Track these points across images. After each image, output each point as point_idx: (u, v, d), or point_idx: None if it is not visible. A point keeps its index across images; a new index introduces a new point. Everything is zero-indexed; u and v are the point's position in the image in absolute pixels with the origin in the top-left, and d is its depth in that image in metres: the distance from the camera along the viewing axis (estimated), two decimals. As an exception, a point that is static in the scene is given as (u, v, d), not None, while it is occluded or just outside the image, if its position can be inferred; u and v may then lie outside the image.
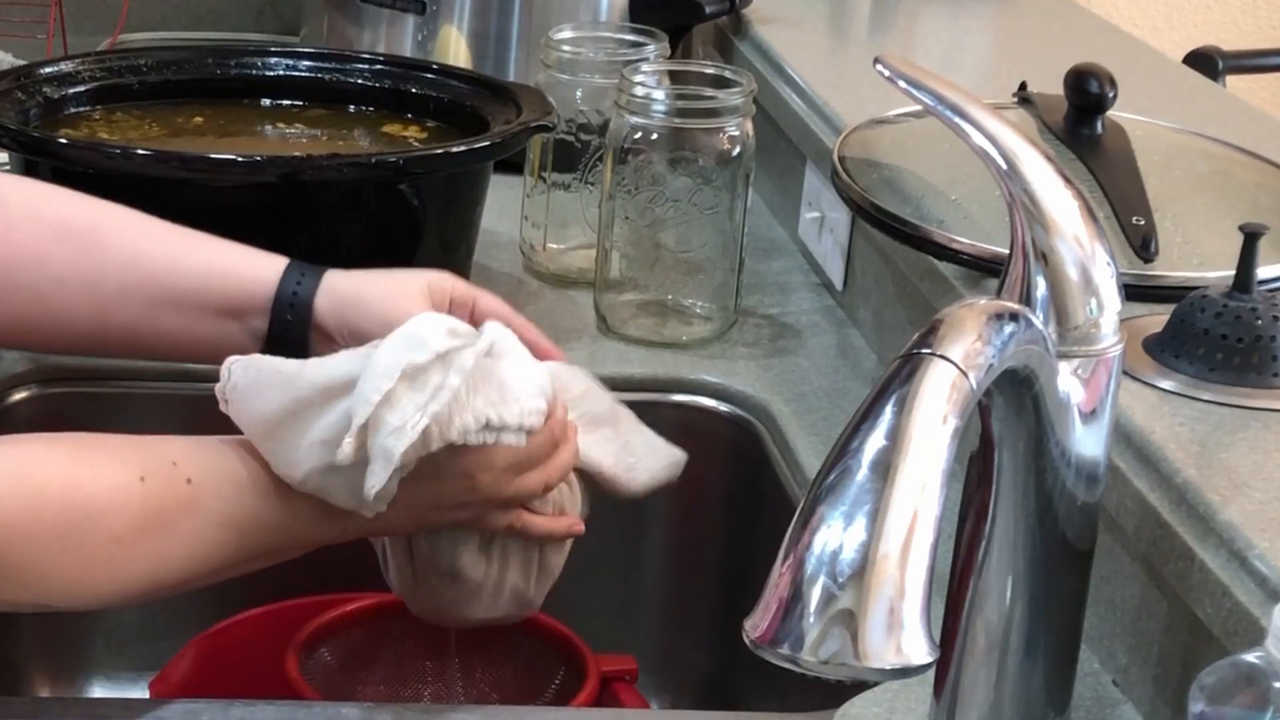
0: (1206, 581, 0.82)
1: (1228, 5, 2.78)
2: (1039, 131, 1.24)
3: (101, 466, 0.88)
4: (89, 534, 0.86)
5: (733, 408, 1.29)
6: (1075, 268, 0.78)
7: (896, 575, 0.64)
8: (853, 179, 1.22)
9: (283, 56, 1.46)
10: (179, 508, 0.89)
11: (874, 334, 1.35)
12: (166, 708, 0.96)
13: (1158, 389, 0.96)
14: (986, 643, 0.83)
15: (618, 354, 1.32)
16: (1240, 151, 1.28)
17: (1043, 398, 0.78)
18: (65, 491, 0.86)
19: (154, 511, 0.88)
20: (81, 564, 0.87)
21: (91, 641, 1.31)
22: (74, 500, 0.86)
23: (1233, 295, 0.97)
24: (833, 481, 0.66)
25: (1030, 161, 0.78)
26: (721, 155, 1.31)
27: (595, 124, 1.40)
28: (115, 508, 0.87)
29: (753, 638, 0.66)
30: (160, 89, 1.42)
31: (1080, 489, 0.81)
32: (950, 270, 1.14)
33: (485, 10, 1.69)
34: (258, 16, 2.07)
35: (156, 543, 0.89)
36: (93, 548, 0.87)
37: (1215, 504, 0.84)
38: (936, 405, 0.68)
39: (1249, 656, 0.68)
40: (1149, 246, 1.10)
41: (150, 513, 0.88)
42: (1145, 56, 1.68)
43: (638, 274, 1.35)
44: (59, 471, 0.87)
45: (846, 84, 1.50)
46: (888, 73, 0.81)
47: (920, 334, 0.71)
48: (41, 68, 1.38)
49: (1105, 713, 0.92)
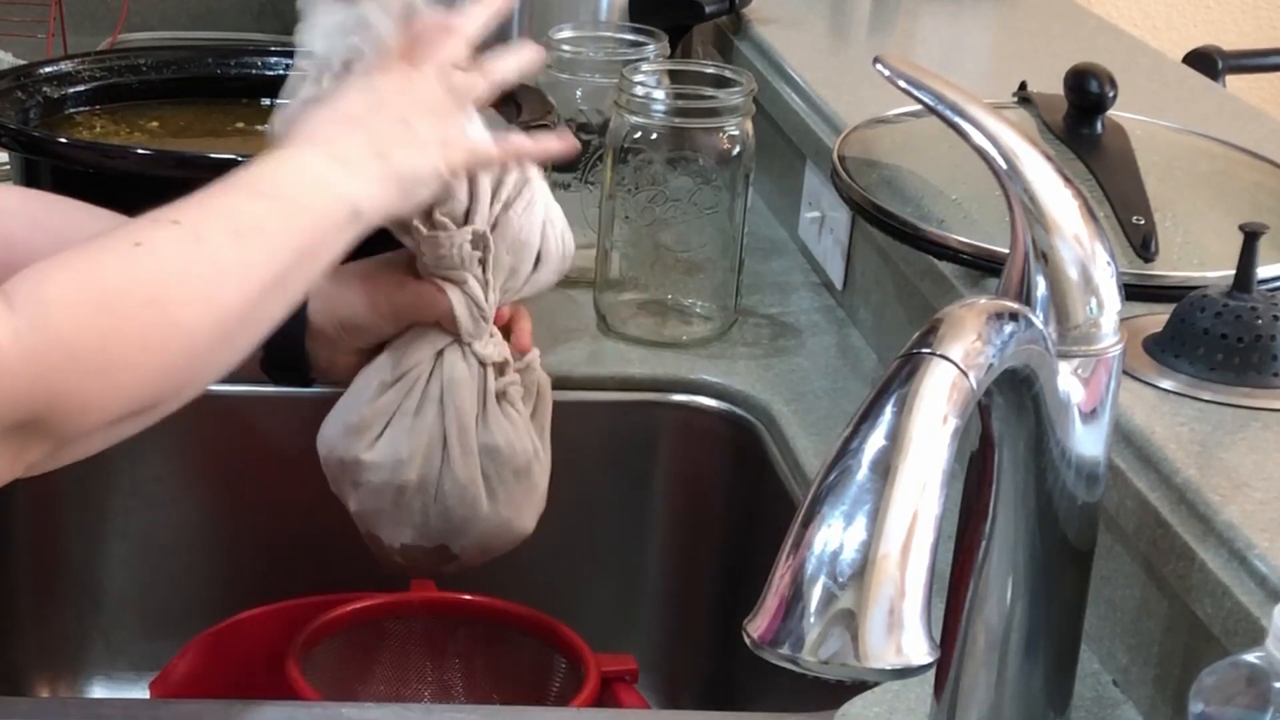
0: (1206, 581, 0.82)
1: (1228, 5, 2.78)
2: (1039, 131, 1.24)
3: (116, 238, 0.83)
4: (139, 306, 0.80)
5: (733, 408, 1.29)
6: (1075, 267, 0.78)
7: (897, 575, 0.64)
8: (853, 179, 1.22)
9: (283, 56, 1.46)
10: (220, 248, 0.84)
11: (874, 334, 1.35)
12: (166, 708, 0.96)
13: (1158, 389, 0.96)
14: (986, 643, 0.83)
15: (618, 354, 1.32)
16: (1240, 151, 1.28)
17: (1043, 397, 0.78)
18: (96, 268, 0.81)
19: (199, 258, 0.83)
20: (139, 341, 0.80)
21: (91, 641, 1.31)
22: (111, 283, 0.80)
23: (1233, 295, 0.97)
24: (833, 481, 0.66)
25: (1030, 161, 0.78)
26: (721, 155, 1.31)
27: (595, 124, 1.40)
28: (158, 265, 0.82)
29: (753, 638, 0.66)
30: (160, 89, 1.41)
31: (1080, 489, 0.81)
32: (950, 270, 1.14)
33: (485, 10, 1.69)
34: (258, 16, 2.07)
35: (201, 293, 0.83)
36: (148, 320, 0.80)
37: (1215, 504, 0.84)
38: (936, 405, 0.68)
39: (1249, 656, 0.68)
40: (1149, 246, 1.10)
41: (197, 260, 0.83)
42: (1145, 56, 1.68)
43: (638, 274, 1.35)
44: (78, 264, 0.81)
45: (846, 84, 1.50)
46: (888, 73, 0.81)
47: (920, 334, 0.71)
48: (41, 68, 1.38)
49: (1105, 713, 0.92)
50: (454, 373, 1.03)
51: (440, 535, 1.05)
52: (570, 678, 1.17)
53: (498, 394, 1.05)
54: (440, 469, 1.04)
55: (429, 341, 1.04)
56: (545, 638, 1.19)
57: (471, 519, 1.05)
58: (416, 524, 1.05)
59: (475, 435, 1.04)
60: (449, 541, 1.06)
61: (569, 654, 1.18)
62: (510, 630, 1.20)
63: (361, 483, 1.05)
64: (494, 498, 1.05)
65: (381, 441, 1.03)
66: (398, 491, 1.04)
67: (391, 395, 1.04)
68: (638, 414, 1.29)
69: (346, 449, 1.04)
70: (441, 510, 1.04)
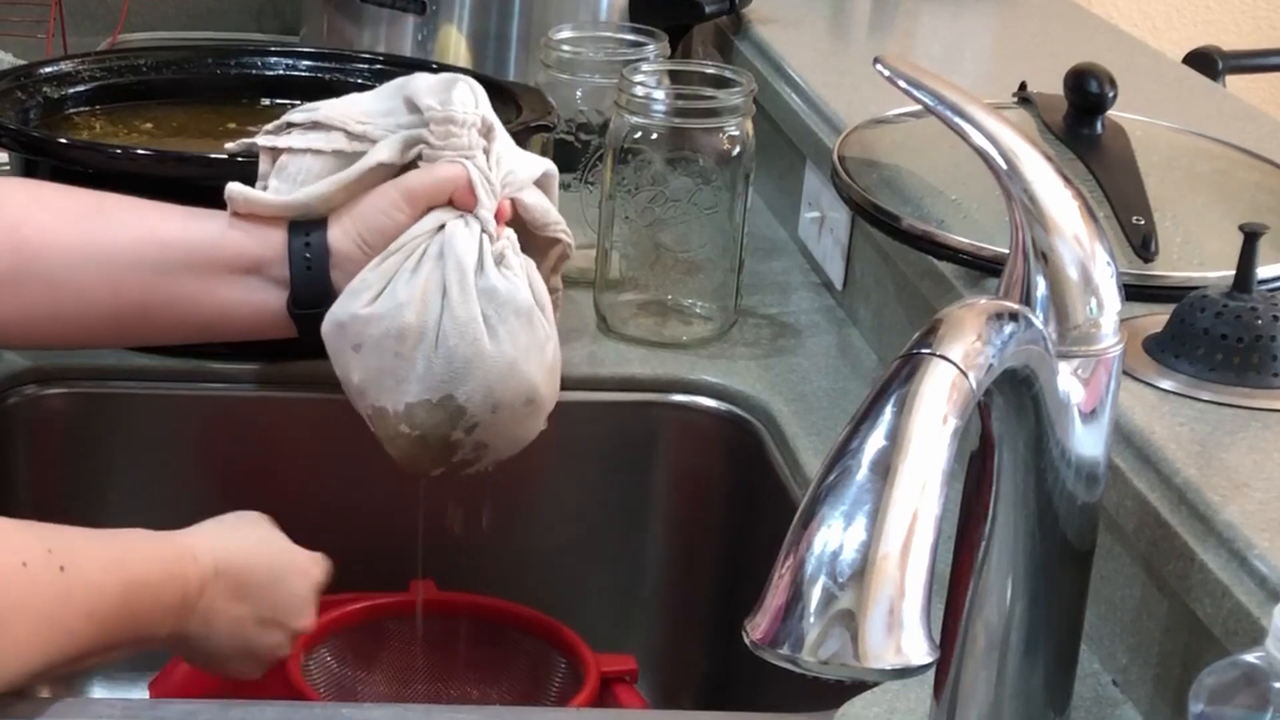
0: (1206, 581, 0.82)
1: (1228, 5, 2.78)
2: (1039, 131, 1.24)
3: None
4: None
5: (733, 408, 1.29)
6: (1075, 267, 0.78)
7: (896, 575, 0.64)
8: (853, 179, 1.22)
9: (283, 56, 1.46)
10: (57, 598, 0.88)
11: (874, 334, 1.35)
12: (166, 708, 0.96)
13: (1158, 389, 0.96)
14: (986, 643, 0.83)
15: (618, 354, 1.32)
16: (1240, 151, 1.28)
17: (1043, 398, 0.78)
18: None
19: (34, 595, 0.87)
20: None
21: (91, 641, 1.31)
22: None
23: (1233, 295, 0.97)
24: (833, 481, 0.66)
25: (1030, 161, 0.78)
26: (721, 155, 1.31)
27: (595, 124, 1.40)
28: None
29: (753, 638, 0.66)
30: (160, 89, 1.41)
31: (1080, 489, 0.81)
32: (950, 270, 1.14)
33: (485, 10, 1.69)
34: (258, 16, 2.07)
35: (25, 632, 0.86)
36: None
37: (1215, 504, 0.84)
38: (936, 405, 0.68)
39: (1249, 656, 0.68)
40: (1149, 246, 1.10)
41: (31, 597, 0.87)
42: (1145, 56, 1.68)
43: (638, 274, 1.35)
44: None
45: (846, 84, 1.50)
46: (888, 73, 0.81)
47: (920, 334, 0.71)
48: (41, 68, 1.38)
49: (1105, 713, 0.92)
50: (454, 230, 1.07)
51: (444, 383, 1.06)
52: (570, 678, 1.17)
53: (495, 256, 1.08)
54: (440, 312, 1.05)
55: (433, 218, 1.08)
56: (545, 638, 1.19)
57: (474, 358, 1.06)
58: (419, 374, 1.06)
59: (474, 281, 1.06)
60: (454, 389, 1.06)
61: (569, 654, 1.18)
62: (510, 630, 1.20)
63: (363, 340, 1.06)
64: (495, 336, 1.06)
65: (381, 297, 1.06)
66: (398, 338, 1.05)
67: (393, 260, 1.07)
68: (638, 414, 1.29)
69: (346, 309, 1.07)
70: (445, 352, 1.05)
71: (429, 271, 1.06)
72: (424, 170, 1.10)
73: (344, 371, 1.08)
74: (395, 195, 1.09)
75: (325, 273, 1.08)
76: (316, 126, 1.13)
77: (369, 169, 1.10)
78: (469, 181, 1.08)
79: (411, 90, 1.12)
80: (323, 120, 1.12)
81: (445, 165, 1.09)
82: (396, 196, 1.09)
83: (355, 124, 1.12)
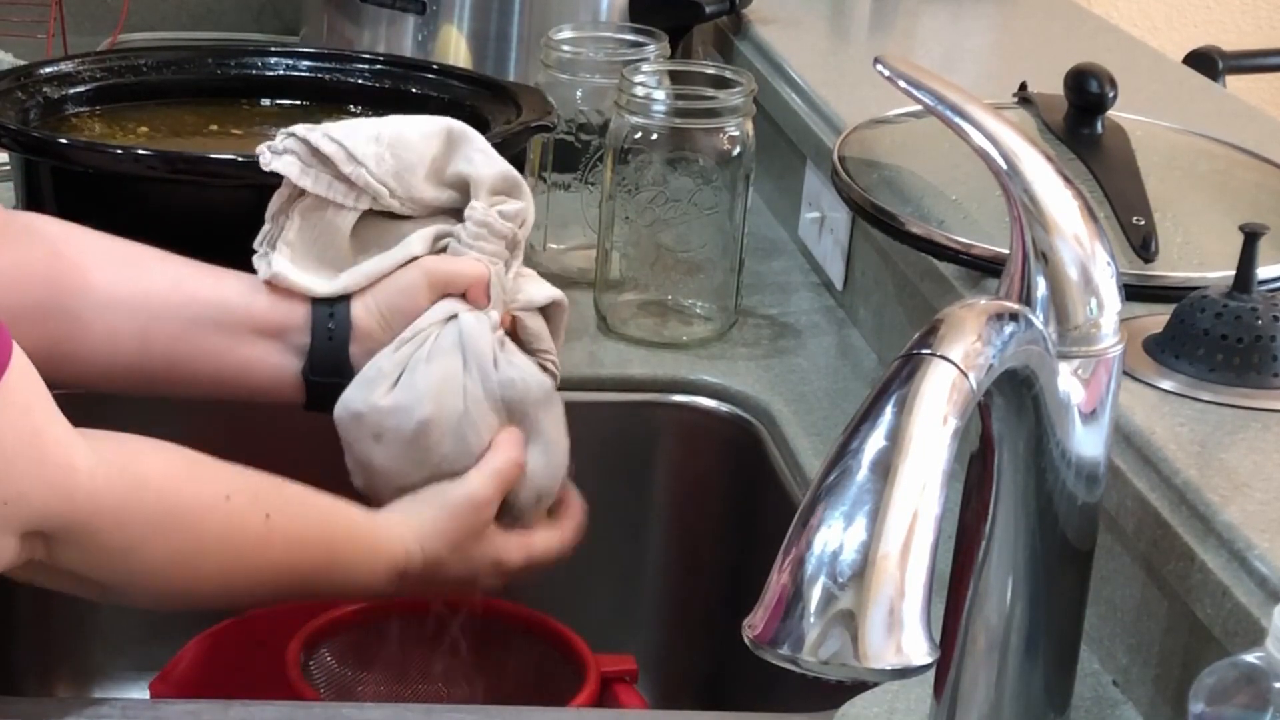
0: (1206, 581, 0.82)
1: (1228, 5, 2.78)
2: (1039, 131, 1.24)
3: (199, 475, 0.95)
4: (175, 531, 0.93)
5: (733, 408, 1.29)
6: (1075, 268, 0.78)
7: (896, 575, 0.64)
8: (853, 179, 1.22)
9: (283, 56, 1.46)
10: (256, 540, 0.97)
11: (874, 334, 1.35)
12: (166, 708, 0.96)
13: (1158, 389, 0.96)
14: (986, 643, 0.83)
15: (618, 354, 1.32)
16: (1240, 151, 1.28)
17: (1043, 398, 0.78)
18: (164, 486, 0.92)
19: (235, 530, 0.96)
20: (165, 557, 0.93)
21: (91, 642, 1.31)
22: (168, 496, 0.92)
23: (1233, 295, 0.97)
24: (833, 481, 0.66)
25: (1030, 161, 0.78)
26: (721, 155, 1.31)
27: (595, 124, 1.40)
28: (201, 514, 0.94)
29: (753, 638, 0.66)
30: (160, 89, 1.41)
31: (1080, 489, 0.81)
32: (950, 270, 1.14)
33: (485, 10, 1.69)
34: (258, 16, 2.07)
35: (226, 561, 0.96)
36: (178, 544, 0.93)
37: (1215, 504, 0.84)
38: (936, 405, 0.68)
39: (1249, 656, 0.68)
40: (1149, 246, 1.10)
41: (232, 531, 0.95)
42: (1145, 56, 1.68)
43: (638, 274, 1.35)
44: (161, 468, 0.93)
45: (846, 84, 1.50)
46: (888, 73, 0.81)
47: (920, 334, 0.71)
48: (41, 68, 1.38)
49: (1105, 713, 0.92)
50: (469, 322, 1.08)
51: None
52: (570, 678, 1.17)
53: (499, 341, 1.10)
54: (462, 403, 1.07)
55: (443, 307, 1.09)
56: (545, 638, 1.19)
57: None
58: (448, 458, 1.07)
59: (493, 373, 1.07)
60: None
61: (569, 654, 1.18)
62: (510, 630, 1.20)
63: (383, 431, 1.07)
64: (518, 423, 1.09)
65: (399, 388, 1.06)
66: (421, 429, 1.06)
67: (406, 349, 1.07)
68: (638, 414, 1.29)
69: (363, 399, 1.07)
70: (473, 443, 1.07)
71: (444, 362, 1.07)
72: (449, 260, 1.10)
73: (364, 458, 1.08)
74: (419, 279, 1.09)
75: (345, 345, 1.09)
76: (346, 181, 1.10)
77: (401, 261, 1.10)
78: (488, 282, 1.09)
79: (474, 168, 1.11)
80: (354, 179, 1.09)
81: (471, 261, 1.10)
82: (420, 280, 1.09)
83: (387, 195, 1.10)
